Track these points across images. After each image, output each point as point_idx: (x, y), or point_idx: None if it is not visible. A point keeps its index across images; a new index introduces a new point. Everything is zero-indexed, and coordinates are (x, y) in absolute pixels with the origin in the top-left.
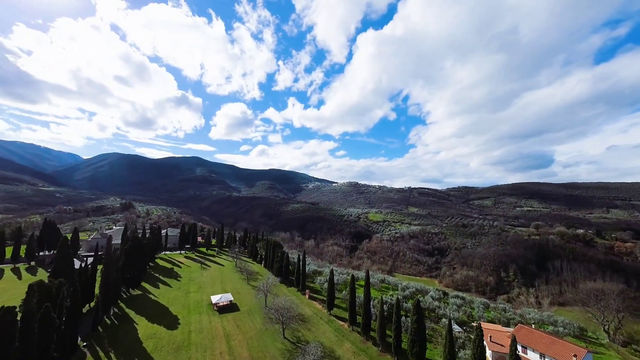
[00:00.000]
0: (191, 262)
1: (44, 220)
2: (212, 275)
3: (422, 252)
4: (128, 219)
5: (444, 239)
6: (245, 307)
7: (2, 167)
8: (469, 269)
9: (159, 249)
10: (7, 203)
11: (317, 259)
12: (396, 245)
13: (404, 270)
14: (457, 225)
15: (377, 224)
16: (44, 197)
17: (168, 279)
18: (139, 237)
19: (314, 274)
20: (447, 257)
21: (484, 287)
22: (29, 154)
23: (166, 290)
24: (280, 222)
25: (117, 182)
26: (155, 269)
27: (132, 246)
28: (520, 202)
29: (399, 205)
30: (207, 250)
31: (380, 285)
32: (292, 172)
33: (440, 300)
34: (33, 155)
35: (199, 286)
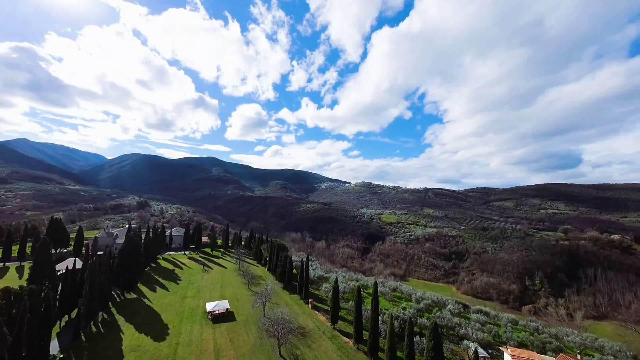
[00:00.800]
0: (194, 263)
1: (50, 219)
2: (213, 278)
3: (439, 256)
4: (142, 218)
5: (462, 243)
6: (242, 316)
7: (34, 167)
8: (489, 276)
9: (162, 249)
10: (36, 201)
11: (327, 262)
12: (410, 248)
13: (419, 275)
14: (477, 228)
15: (390, 226)
16: (70, 196)
17: (167, 282)
18: (135, 238)
19: (320, 281)
20: (466, 261)
21: (507, 295)
22: (59, 154)
23: (162, 295)
24: (291, 222)
25: (138, 182)
26: (156, 271)
27: (127, 247)
28: (545, 204)
29: (413, 206)
30: (212, 251)
31: (392, 295)
32: (305, 172)
33: (460, 314)
34: (62, 156)
35: (197, 290)
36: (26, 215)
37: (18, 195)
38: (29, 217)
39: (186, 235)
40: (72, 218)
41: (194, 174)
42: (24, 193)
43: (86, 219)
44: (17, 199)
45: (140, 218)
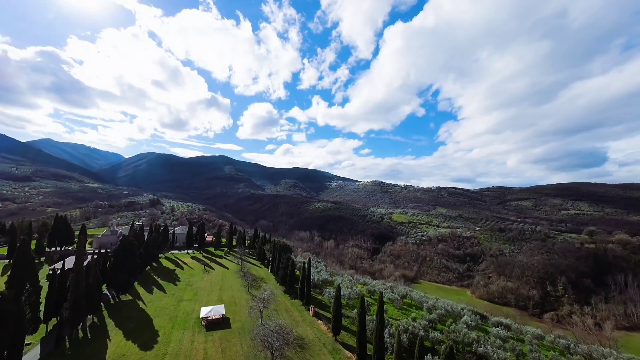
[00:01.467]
0: (196, 263)
1: (55, 216)
2: (213, 280)
3: (452, 257)
4: (152, 215)
5: (477, 244)
6: (238, 322)
7: (56, 166)
8: (507, 279)
9: (166, 247)
10: (57, 198)
11: (335, 262)
12: (422, 249)
13: (431, 278)
14: (493, 228)
15: (401, 226)
16: (89, 193)
17: (165, 283)
18: (130, 238)
19: (324, 285)
20: (481, 264)
21: (526, 301)
22: (80, 153)
23: (158, 297)
24: (300, 220)
25: (153, 180)
26: (157, 270)
27: (121, 247)
28: (566, 205)
29: (426, 205)
30: (216, 250)
31: (401, 303)
32: (316, 171)
33: (478, 327)
34: (83, 155)
35: (195, 293)
36: (47, 212)
37: (41, 192)
38: (49, 213)
39: (189, 234)
40: (87, 215)
41: (207, 173)
42: (46, 190)
43: (100, 216)
44: (39, 196)
45: (151, 215)
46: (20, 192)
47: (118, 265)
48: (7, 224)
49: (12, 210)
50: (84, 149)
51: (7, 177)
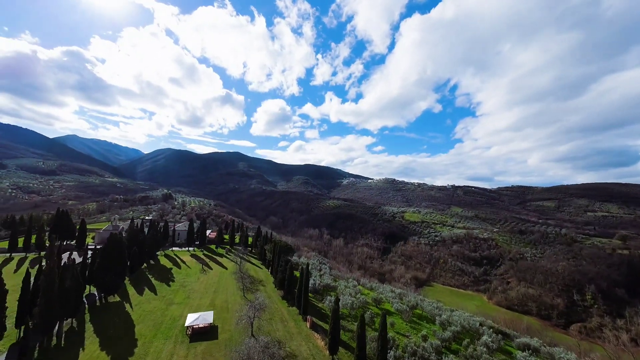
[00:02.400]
0: (194, 262)
1: (56, 210)
2: (209, 281)
3: (468, 260)
4: (163, 210)
5: (495, 247)
6: (227, 333)
7: (80, 161)
8: (528, 286)
9: (166, 244)
10: (78, 191)
11: (344, 261)
12: (436, 251)
13: (445, 281)
14: (512, 230)
15: (414, 225)
16: (108, 187)
17: (159, 283)
18: (118, 236)
19: (325, 291)
20: (499, 268)
21: (549, 310)
22: (102, 149)
23: (148, 299)
24: (310, 217)
25: (169, 175)
26: (153, 269)
27: (108, 246)
28: (593, 206)
29: (440, 204)
30: (217, 248)
31: (411, 315)
32: (327, 168)
33: (500, 349)
34: (105, 151)
35: (187, 295)
36: (68, 205)
37: (64, 186)
38: (70, 206)
39: (190, 230)
40: (102, 208)
41: (220, 169)
42: (69, 184)
43: (113, 210)
44: (62, 190)
45: (162, 210)
46: (45, 186)
47: (105, 265)
48: (25, 216)
49: (36, 203)
50: (106, 144)
51: (34, 170)
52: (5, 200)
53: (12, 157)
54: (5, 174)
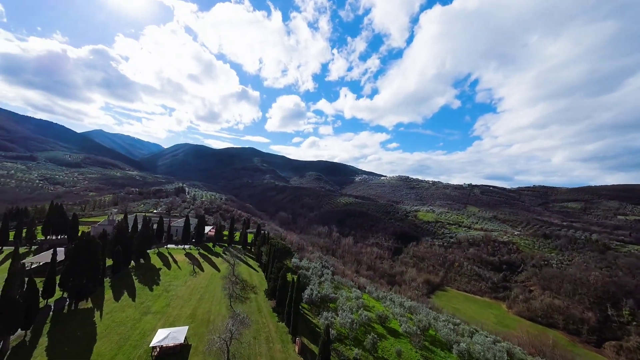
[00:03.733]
0: (187, 261)
1: (50, 204)
2: (197, 285)
3: (485, 264)
4: (173, 203)
5: (515, 251)
6: (199, 356)
7: (104, 154)
8: (553, 296)
9: (164, 241)
10: (99, 183)
11: (349, 263)
12: (450, 253)
13: (460, 286)
14: (536, 234)
15: (427, 225)
16: (127, 180)
17: (141, 286)
18: (91, 235)
19: (323, 303)
20: (521, 274)
21: (579, 325)
22: (126, 144)
23: (123, 306)
24: (320, 214)
25: (186, 169)
26: (140, 269)
27: (79, 246)
28: (624, 209)
29: (456, 203)
30: (215, 246)
31: (422, 339)
32: (340, 164)
33: None
34: (128, 145)
35: (168, 302)
36: (88, 196)
37: (87, 178)
38: (90, 197)
39: (186, 227)
40: (116, 200)
41: (235, 164)
42: (92, 176)
43: (125, 202)
44: (85, 181)
45: (172, 204)
46: (70, 177)
47: (74, 268)
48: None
49: (59, 193)
50: (130, 139)
51: (61, 163)
52: (32, 190)
53: (42, 150)
54: (35, 165)
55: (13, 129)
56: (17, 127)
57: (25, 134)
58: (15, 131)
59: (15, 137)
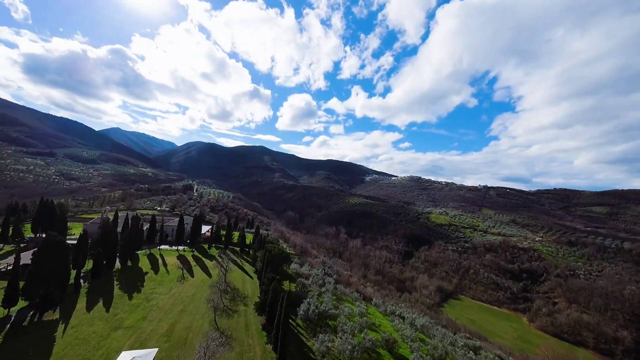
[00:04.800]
0: (178, 265)
1: (40, 199)
2: (182, 293)
3: (503, 272)
4: (179, 201)
5: (537, 258)
6: None
7: (120, 151)
8: (581, 310)
9: (154, 242)
10: (112, 179)
11: (356, 267)
12: (465, 259)
13: (475, 295)
14: (560, 240)
15: (440, 228)
16: (140, 177)
17: (120, 294)
18: (58, 238)
19: (321, 319)
20: (543, 284)
21: (611, 344)
22: (142, 141)
23: (93, 319)
24: (329, 214)
25: (198, 167)
26: (124, 273)
27: (43, 251)
28: None
29: (470, 206)
30: (210, 248)
31: None
32: (350, 164)
33: None
34: (144, 143)
35: (145, 315)
36: (100, 191)
37: (101, 174)
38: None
39: (180, 227)
40: (124, 197)
41: (246, 162)
42: (106, 172)
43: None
44: (99, 177)
45: (178, 201)
46: (85, 173)
47: (39, 274)
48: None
49: (72, 189)
50: (145, 137)
51: (78, 159)
52: (48, 185)
53: (61, 146)
54: (53, 161)
55: (35, 126)
56: (39, 124)
57: (46, 131)
58: (37, 128)
59: (37, 134)
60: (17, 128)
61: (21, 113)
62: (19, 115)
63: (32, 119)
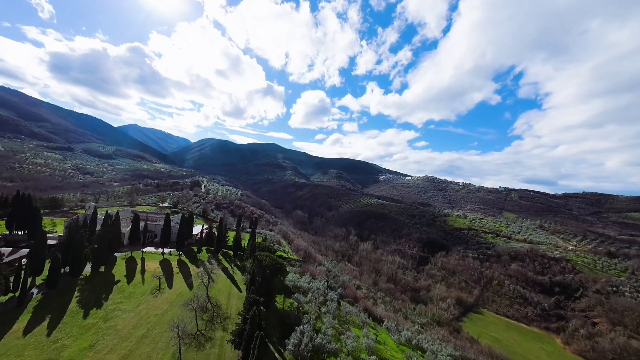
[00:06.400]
0: (158, 271)
1: (15, 194)
2: (151, 311)
3: (532, 285)
4: (184, 197)
5: (571, 270)
6: None
7: (135, 147)
8: (629, 334)
9: (144, 243)
10: (125, 174)
11: (366, 273)
12: (488, 268)
13: (499, 309)
14: (597, 250)
15: (459, 232)
16: (152, 172)
17: (76, 309)
18: None
19: (316, 355)
20: (579, 301)
21: None
22: (158, 138)
23: (26, 345)
24: (339, 214)
25: (211, 163)
26: (92, 282)
27: None
28: None
29: (490, 209)
30: (200, 252)
31: None
32: (363, 162)
33: None
34: (160, 139)
35: (94, 342)
36: (112, 186)
37: (115, 169)
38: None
39: (166, 227)
40: (132, 192)
41: (258, 159)
42: (120, 167)
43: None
44: (113, 172)
45: (182, 197)
46: (101, 168)
47: None
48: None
49: (85, 183)
50: (161, 133)
51: (95, 154)
52: (63, 178)
53: (79, 141)
54: (70, 156)
55: (57, 122)
56: (60, 120)
57: (67, 126)
58: (59, 124)
59: (58, 130)
60: (40, 124)
61: (45, 110)
62: (43, 111)
63: (54, 115)
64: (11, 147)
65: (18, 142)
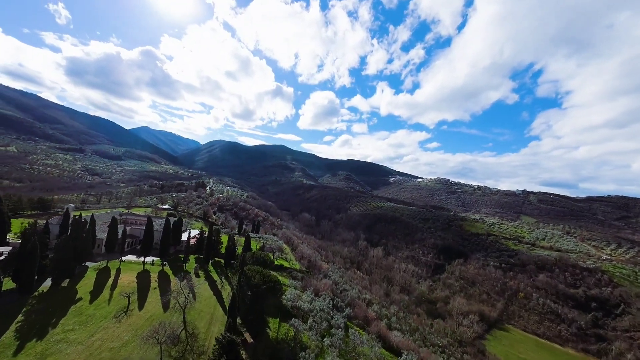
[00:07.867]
0: (132, 286)
1: None
2: (109, 342)
3: (564, 299)
4: (187, 198)
5: (608, 283)
6: None
7: (145, 149)
8: None
9: (123, 251)
10: (132, 176)
11: (377, 283)
12: (511, 278)
13: (527, 326)
14: (636, 260)
15: (476, 238)
16: (160, 174)
17: (8, 341)
18: None
19: None
20: (621, 318)
21: None
22: (168, 140)
23: None
24: (347, 217)
25: (220, 165)
26: (46, 299)
27: None
28: None
29: (506, 212)
30: (187, 261)
31: None
32: (373, 164)
33: None
34: (170, 141)
35: None
36: (120, 187)
37: (124, 170)
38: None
39: (147, 233)
40: (136, 192)
41: (266, 161)
42: (128, 169)
43: (145, 195)
44: (121, 174)
45: (185, 198)
46: (109, 169)
47: None
48: None
49: (93, 184)
50: (171, 136)
51: (105, 155)
52: (71, 179)
53: (91, 143)
54: (81, 157)
55: (70, 124)
56: (73, 122)
57: (79, 128)
58: (72, 126)
59: (71, 131)
60: (54, 126)
61: (60, 112)
62: (58, 114)
63: (69, 118)
64: (24, 149)
65: (32, 144)
